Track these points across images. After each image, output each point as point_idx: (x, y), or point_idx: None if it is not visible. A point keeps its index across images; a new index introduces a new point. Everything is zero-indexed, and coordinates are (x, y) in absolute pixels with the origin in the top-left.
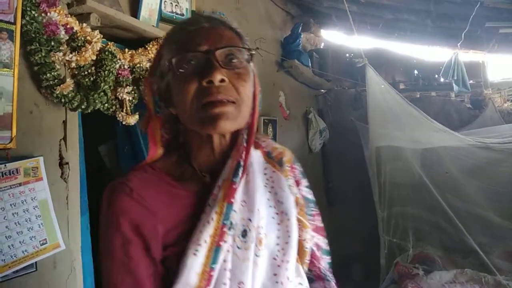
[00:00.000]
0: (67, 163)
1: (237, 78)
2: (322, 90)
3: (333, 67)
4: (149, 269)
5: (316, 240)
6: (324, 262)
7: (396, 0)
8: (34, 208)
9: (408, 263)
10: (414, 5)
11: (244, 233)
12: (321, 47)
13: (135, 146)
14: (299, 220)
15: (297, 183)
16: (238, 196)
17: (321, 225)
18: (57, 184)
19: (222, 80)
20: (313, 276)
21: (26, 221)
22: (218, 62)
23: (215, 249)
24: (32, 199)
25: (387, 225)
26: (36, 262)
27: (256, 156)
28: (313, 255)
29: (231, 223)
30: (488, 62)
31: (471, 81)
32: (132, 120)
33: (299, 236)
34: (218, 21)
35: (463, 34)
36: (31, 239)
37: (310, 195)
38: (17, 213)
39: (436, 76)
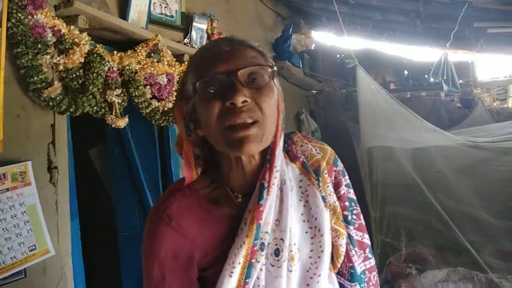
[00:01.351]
0: (56, 167)
1: (259, 95)
2: (314, 91)
3: (324, 68)
4: None
5: (360, 239)
6: (369, 263)
7: (386, 1)
8: (22, 214)
9: (401, 263)
10: (404, 6)
11: (277, 252)
12: (312, 48)
13: (126, 149)
14: (335, 229)
15: (338, 185)
16: (271, 216)
17: (363, 223)
18: (46, 189)
19: (245, 101)
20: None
21: (14, 227)
22: (240, 82)
23: (248, 266)
24: (20, 205)
25: (380, 225)
26: (25, 269)
27: (290, 171)
28: (348, 256)
29: (263, 244)
30: (477, 62)
31: (460, 81)
32: (122, 123)
33: (335, 243)
34: (238, 42)
35: (451, 34)
36: (19, 245)
37: (351, 194)
38: (5, 219)
39: (426, 76)
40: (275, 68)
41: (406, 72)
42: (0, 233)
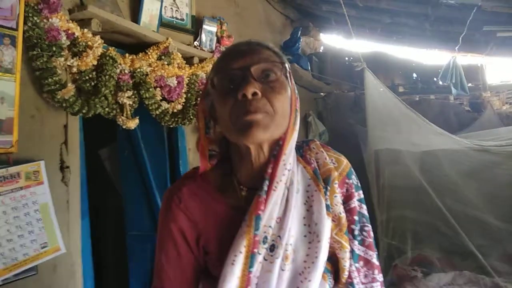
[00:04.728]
0: (68, 167)
1: (271, 92)
2: (322, 94)
3: (333, 70)
4: (192, 264)
5: (370, 258)
6: (377, 286)
7: (394, 4)
8: (35, 212)
9: (407, 266)
10: (412, 9)
11: (272, 248)
12: (321, 50)
13: (135, 150)
14: (337, 241)
15: (349, 197)
16: (275, 212)
17: (373, 240)
18: (58, 188)
19: (255, 93)
20: None
21: (27, 224)
22: (253, 76)
23: (250, 255)
24: (33, 203)
25: (386, 228)
26: (36, 266)
27: (300, 173)
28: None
29: (266, 237)
30: (486, 65)
31: (469, 84)
32: (132, 124)
33: (338, 255)
34: (256, 43)
35: (460, 38)
36: (31, 242)
37: (363, 210)
38: (18, 216)
39: (435, 79)
40: (289, 68)
41: (415, 75)
42: (13, 230)
